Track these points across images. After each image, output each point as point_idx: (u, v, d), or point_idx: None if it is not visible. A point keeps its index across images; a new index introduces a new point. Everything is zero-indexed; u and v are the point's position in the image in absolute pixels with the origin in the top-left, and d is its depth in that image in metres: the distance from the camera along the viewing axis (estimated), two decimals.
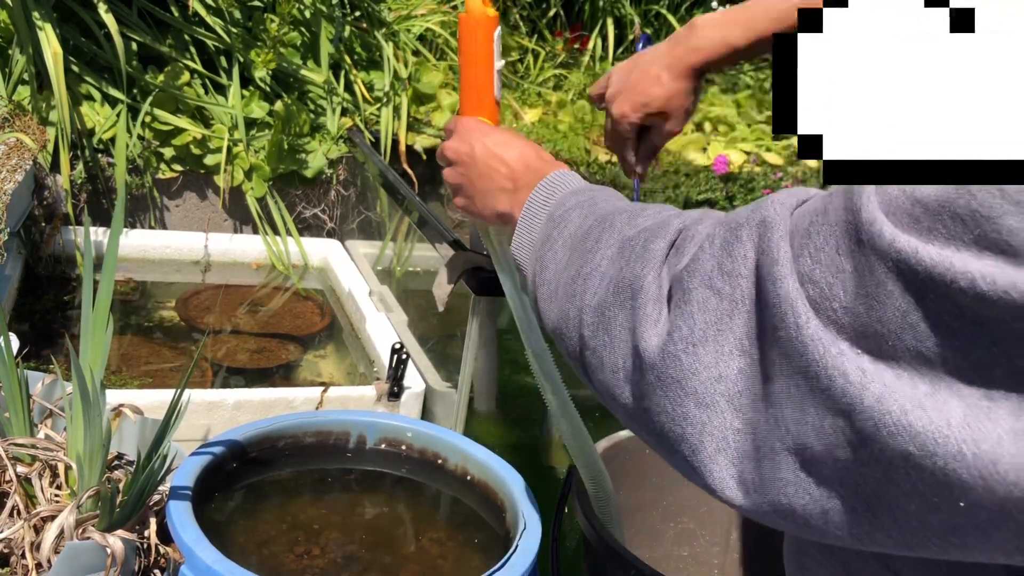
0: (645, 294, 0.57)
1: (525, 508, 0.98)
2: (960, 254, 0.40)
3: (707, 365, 0.52)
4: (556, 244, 0.74)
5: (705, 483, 0.53)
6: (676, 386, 0.53)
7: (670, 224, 0.61)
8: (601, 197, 0.78)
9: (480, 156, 0.92)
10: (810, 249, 0.47)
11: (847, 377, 0.44)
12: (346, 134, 2.17)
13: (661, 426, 0.55)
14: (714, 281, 0.52)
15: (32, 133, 1.70)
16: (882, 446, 0.43)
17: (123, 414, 1.04)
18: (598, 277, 0.64)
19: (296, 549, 0.96)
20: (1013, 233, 0.39)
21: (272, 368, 1.63)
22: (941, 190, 0.42)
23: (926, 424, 0.41)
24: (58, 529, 0.85)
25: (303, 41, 2.24)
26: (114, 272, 0.92)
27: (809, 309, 0.46)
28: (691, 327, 0.52)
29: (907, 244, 0.42)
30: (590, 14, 3.50)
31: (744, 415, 0.50)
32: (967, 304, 0.40)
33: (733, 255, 0.52)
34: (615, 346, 0.60)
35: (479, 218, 0.95)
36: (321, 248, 2.10)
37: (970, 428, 0.40)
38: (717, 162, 2.79)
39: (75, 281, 1.79)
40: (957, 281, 0.40)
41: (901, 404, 0.42)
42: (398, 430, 1.13)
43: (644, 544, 1.26)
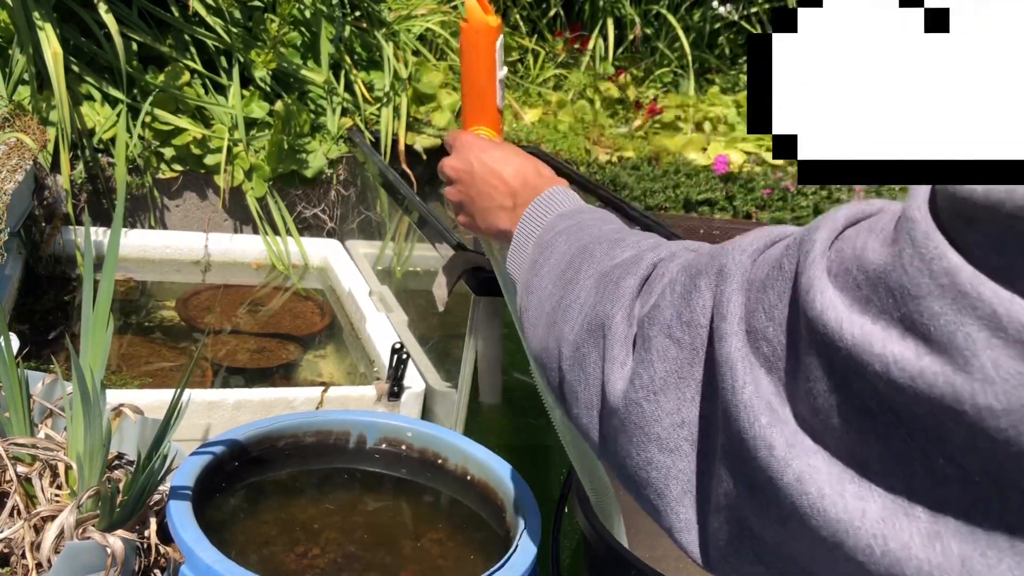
0: (613, 335, 0.57)
1: (525, 508, 0.98)
2: (885, 332, 0.38)
3: (669, 412, 0.51)
4: (542, 271, 0.74)
5: (668, 526, 0.52)
6: (639, 432, 0.53)
7: (643, 259, 0.61)
8: (588, 221, 0.77)
9: (479, 173, 0.91)
10: (764, 305, 0.45)
11: (771, 450, 0.42)
12: (346, 134, 2.17)
13: (628, 469, 0.55)
14: (673, 331, 0.51)
15: (32, 133, 1.70)
16: (801, 525, 0.41)
17: (123, 414, 1.04)
18: (576, 310, 0.64)
19: (296, 549, 0.96)
20: (935, 317, 0.36)
21: (272, 368, 1.63)
22: (883, 256, 0.39)
23: (839, 512, 0.39)
24: (58, 529, 0.85)
25: (303, 41, 2.24)
26: (114, 272, 0.92)
27: (749, 372, 0.45)
28: (651, 375, 0.52)
29: (835, 318, 0.40)
30: (590, 14, 3.50)
31: (706, 458, 0.50)
32: (883, 390, 0.38)
33: (691, 305, 0.51)
34: (589, 384, 0.59)
35: (481, 235, 0.95)
36: (321, 248, 2.10)
37: (884, 523, 0.38)
38: (717, 162, 2.79)
39: (75, 281, 1.79)
40: (873, 364, 0.38)
41: (819, 487, 0.40)
42: (398, 430, 1.13)
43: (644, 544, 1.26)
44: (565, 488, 1.14)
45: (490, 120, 1.02)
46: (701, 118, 3.10)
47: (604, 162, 2.65)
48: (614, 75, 3.24)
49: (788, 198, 2.82)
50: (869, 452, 0.39)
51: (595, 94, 3.08)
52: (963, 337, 0.35)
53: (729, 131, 3.08)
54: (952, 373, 0.35)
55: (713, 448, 0.49)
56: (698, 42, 3.74)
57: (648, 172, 2.71)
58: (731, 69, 3.78)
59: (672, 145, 2.84)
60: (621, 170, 2.66)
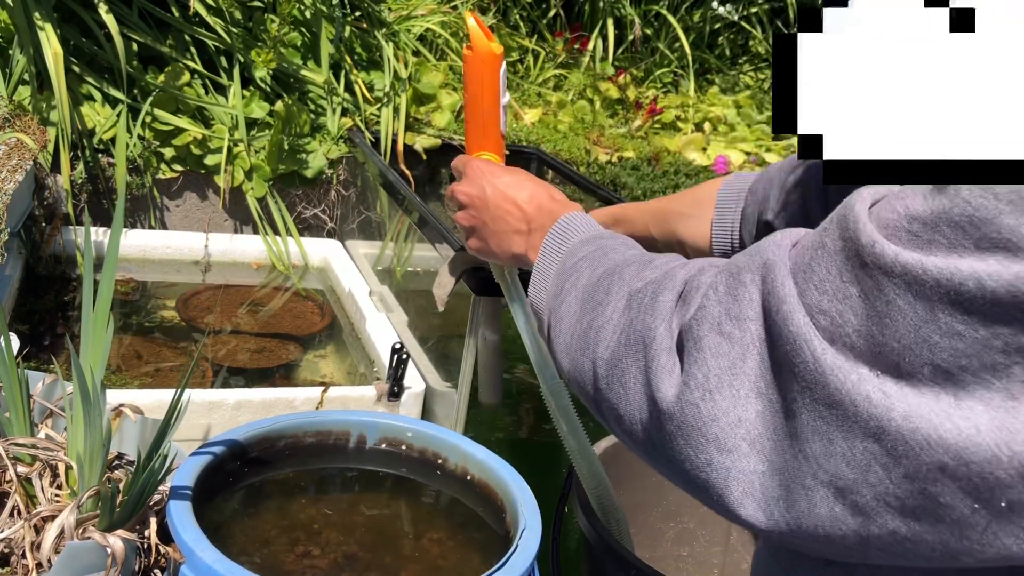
0: (657, 345, 0.58)
1: (525, 508, 0.99)
2: (964, 259, 0.41)
3: (725, 410, 0.52)
4: (569, 296, 0.75)
5: (739, 521, 0.53)
6: (697, 433, 0.54)
7: (675, 275, 0.62)
8: (611, 247, 0.78)
9: (492, 199, 0.92)
10: (814, 281, 0.48)
11: (870, 400, 0.45)
12: (346, 134, 2.17)
13: (687, 472, 0.56)
14: (723, 326, 0.53)
15: (32, 133, 1.70)
16: (916, 463, 0.43)
17: (123, 414, 1.04)
18: (609, 330, 0.65)
19: (296, 549, 0.96)
20: (1012, 230, 0.40)
21: (272, 368, 1.63)
22: (934, 202, 0.43)
23: (956, 434, 0.42)
24: (58, 529, 0.85)
25: (303, 41, 2.24)
26: (114, 272, 0.92)
27: (823, 340, 0.47)
28: (705, 374, 0.53)
29: (912, 258, 0.43)
30: (590, 14, 3.50)
31: (768, 457, 0.51)
32: (977, 307, 0.41)
33: (739, 299, 0.52)
34: (630, 398, 0.60)
35: (494, 260, 0.96)
36: (321, 248, 2.10)
37: (1000, 431, 0.41)
38: (717, 162, 2.79)
39: (75, 281, 1.79)
40: (966, 283, 0.41)
41: (928, 419, 0.43)
42: (398, 430, 1.13)
43: (644, 544, 1.26)
44: (565, 488, 1.14)
45: (493, 145, 1.03)
46: (701, 118, 3.10)
47: (604, 162, 2.65)
48: (614, 75, 3.24)
49: None
50: (963, 375, 0.42)
51: (595, 94, 3.08)
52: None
53: (729, 131, 3.08)
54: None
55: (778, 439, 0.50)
56: (698, 42, 3.74)
57: (648, 172, 2.71)
58: (731, 69, 3.78)
59: (672, 145, 2.84)
60: (621, 170, 2.66)
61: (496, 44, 0.98)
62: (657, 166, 2.75)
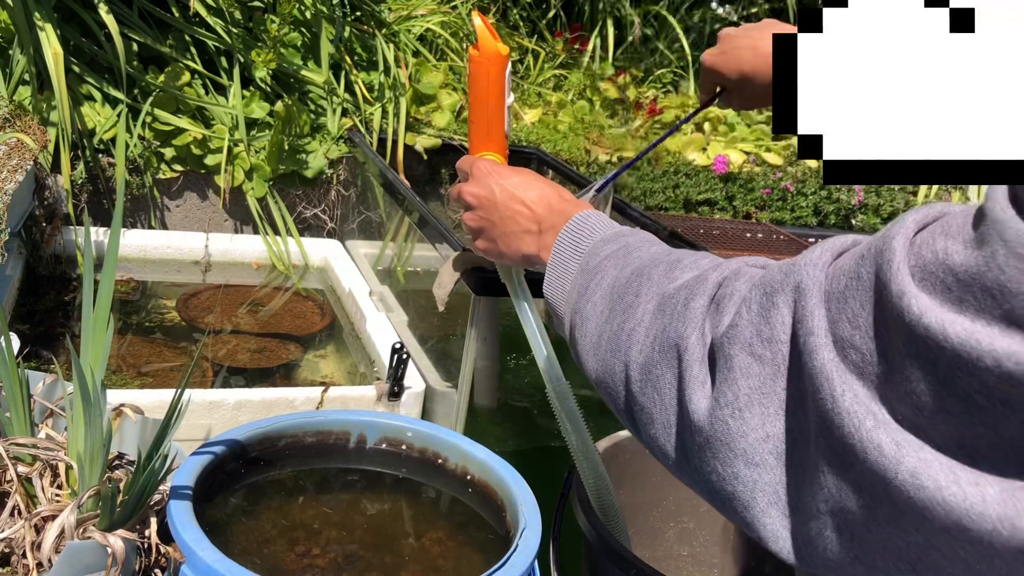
0: (690, 355, 0.58)
1: (525, 508, 0.99)
2: (988, 329, 0.40)
3: (754, 427, 0.52)
4: (594, 296, 0.74)
5: (759, 536, 0.53)
6: (725, 448, 0.54)
7: (708, 279, 0.62)
8: (634, 244, 0.77)
9: (501, 199, 0.91)
10: (847, 315, 0.47)
11: (881, 451, 0.44)
12: (346, 134, 2.17)
13: (712, 484, 0.56)
14: (754, 348, 0.53)
15: (33, 133, 1.70)
16: (919, 519, 0.43)
17: (124, 414, 1.04)
18: (642, 333, 0.65)
19: (296, 549, 0.96)
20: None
21: (272, 368, 1.63)
22: (972, 258, 0.41)
23: (960, 501, 0.41)
24: (59, 529, 0.85)
25: (303, 42, 2.24)
26: (114, 272, 0.92)
27: (845, 381, 0.46)
28: (735, 393, 0.53)
29: (936, 320, 0.41)
30: (590, 15, 3.50)
31: (791, 470, 0.51)
32: (994, 383, 0.40)
33: (771, 322, 0.52)
34: (665, 404, 0.60)
35: (503, 260, 0.95)
36: (321, 248, 2.10)
37: (1006, 505, 0.40)
38: (717, 162, 2.79)
39: (76, 281, 1.79)
40: (983, 359, 0.40)
41: (936, 480, 0.42)
42: (398, 430, 1.13)
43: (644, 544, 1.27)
44: (565, 488, 1.14)
45: (497, 145, 1.03)
46: (701, 118, 3.10)
47: (604, 162, 2.65)
48: (614, 75, 3.24)
49: (788, 198, 2.82)
50: (979, 442, 0.41)
51: (595, 94, 3.08)
52: None
53: (729, 131, 3.08)
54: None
55: (802, 459, 0.50)
56: (698, 42, 3.74)
57: (648, 172, 2.71)
58: None
59: (672, 145, 2.84)
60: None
61: (502, 45, 0.98)
62: (657, 166, 2.75)
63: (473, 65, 1.00)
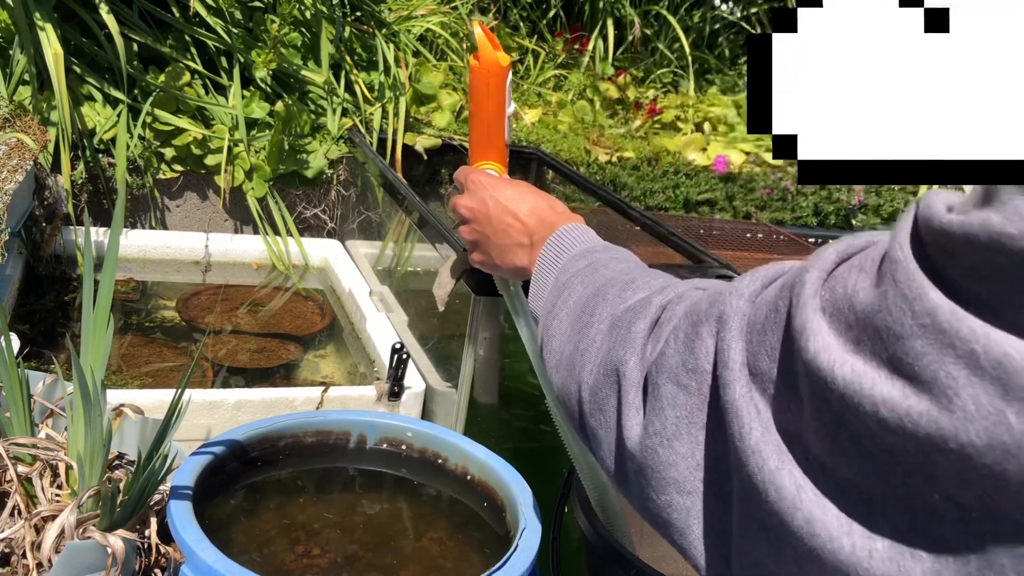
0: (627, 381, 0.58)
1: (525, 508, 0.99)
2: (876, 373, 0.38)
3: (683, 456, 0.52)
4: (560, 314, 0.75)
5: (695, 564, 0.53)
6: (657, 476, 0.54)
7: (651, 303, 0.62)
8: (602, 261, 0.78)
9: (494, 213, 0.92)
10: (766, 348, 0.46)
11: (780, 493, 0.43)
12: (346, 134, 2.17)
13: (650, 510, 0.56)
14: (680, 378, 0.52)
15: (33, 133, 1.70)
16: (816, 565, 0.42)
17: (124, 414, 1.04)
18: (592, 354, 0.65)
19: (296, 548, 0.96)
20: (919, 357, 0.36)
21: (272, 368, 1.63)
22: (870, 297, 0.39)
23: (848, 554, 0.40)
24: (59, 529, 0.85)
25: (304, 42, 2.24)
26: (114, 272, 0.92)
27: (754, 417, 0.45)
28: (663, 422, 0.53)
29: (827, 360, 0.40)
30: (590, 15, 3.50)
31: (722, 496, 0.50)
32: (876, 430, 0.38)
33: (695, 352, 0.51)
34: (609, 427, 0.61)
35: (498, 273, 0.96)
36: (321, 248, 2.10)
37: (890, 563, 0.39)
38: (717, 162, 2.79)
39: (76, 281, 1.79)
40: (863, 404, 0.38)
41: (828, 529, 0.41)
42: (398, 430, 1.13)
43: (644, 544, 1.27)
44: (565, 488, 1.14)
45: (497, 155, 1.03)
46: (701, 118, 3.10)
47: (604, 162, 2.65)
48: (614, 75, 3.24)
49: (788, 198, 2.82)
50: (873, 490, 0.40)
51: (595, 94, 3.08)
52: (944, 376, 0.36)
53: (729, 131, 3.08)
54: (937, 412, 0.36)
55: (728, 490, 0.49)
56: (698, 42, 3.74)
57: (648, 172, 2.71)
58: (731, 69, 3.78)
59: (672, 145, 2.84)
60: (621, 170, 2.66)
61: (503, 55, 0.98)
62: (657, 166, 2.75)
63: (473, 75, 1.00)
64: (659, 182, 2.70)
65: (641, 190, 2.67)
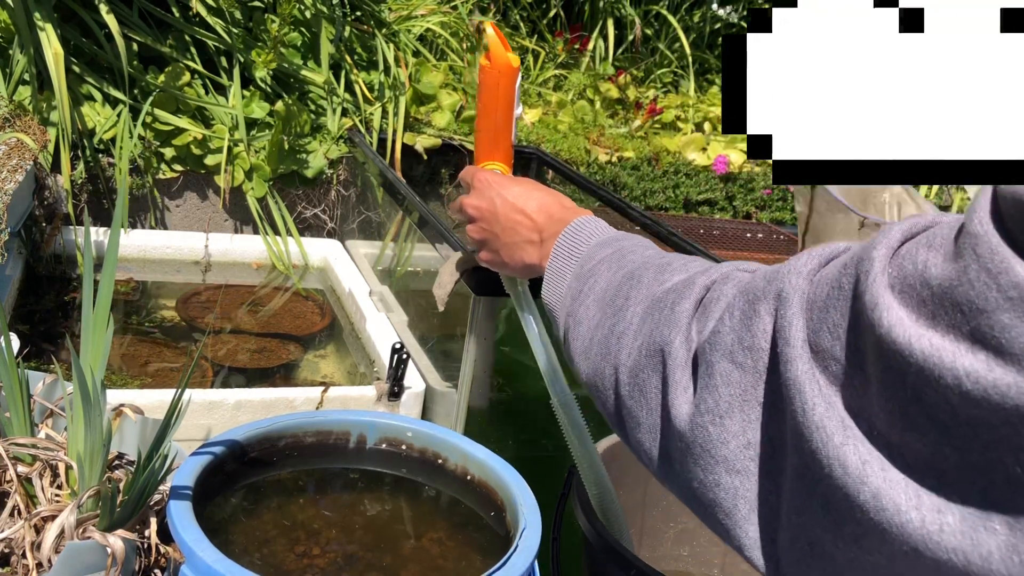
0: (674, 360, 0.58)
1: (525, 508, 0.99)
2: (955, 346, 0.38)
3: (735, 434, 0.52)
4: (587, 300, 0.75)
5: (737, 544, 0.53)
6: (706, 454, 0.53)
7: (695, 282, 0.61)
8: (628, 247, 0.78)
9: (502, 210, 0.92)
10: (828, 325, 0.46)
11: (846, 468, 0.43)
12: (346, 134, 2.17)
13: (694, 490, 0.56)
14: (735, 355, 0.52)
15: (33, 133, 1.70)
16: (880, 540, 0.42)
17: (124, 414, 1.04)
18: (631, 336, 0.65)
19: (296, 549, 0.96)
20: (1005, 329, 0.37)
21: (272, 368, 1.63)
22: (947, 271, 0.39)
23: (918, 527, 0.40)
24: (59, 529, 0.85)
25: (304, 41, 2.24)
26: (114, 272, 0.92)
27: (817, 393, 0.45)
28: (716, 400, 0.53)
29: (903, 334, 0.40)
30: (590, 14, 3.50)
31: (772, 477, 0.50)
32: (957, 403, 0.38)
33: (752, 330, 0.51)
34: (650, 408, 0.60)
35: (507, 271, 0.96)
36: (321, 248, 2.10)
37: (962, 536, 0.39)
38: (717, 162, 2.79)
39: (76, 281, 1.79)
40: (944, 377, 0.38)
41: (896, 503, 0.41)
42: (398, 430, 1.13)
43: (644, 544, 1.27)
44: (565, 488, 1.14)
45: (503, 156, 1.03)
46: (701, 118, 3.10)
47: (604, 162, 2.65)
48: (614, 75, 3.24)
49: (788, 198, 2.82)
50: (946, 464, 0.40)
51: (595, 94, 3.08)
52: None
53: None
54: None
55: (780, 468, 0.49)
56: (698, 43, 3.74)
57: (648, 172, 2.71)
58: None
59: (672, 145, 2.84)
60: (621, 170, 2.66)
61: (513, 56, 0.98)
62: (657, 166, 2.75)
63: (483, 75, 0.99)
64: (659, 182, 2.70)
65: (641, 190, 2.67)
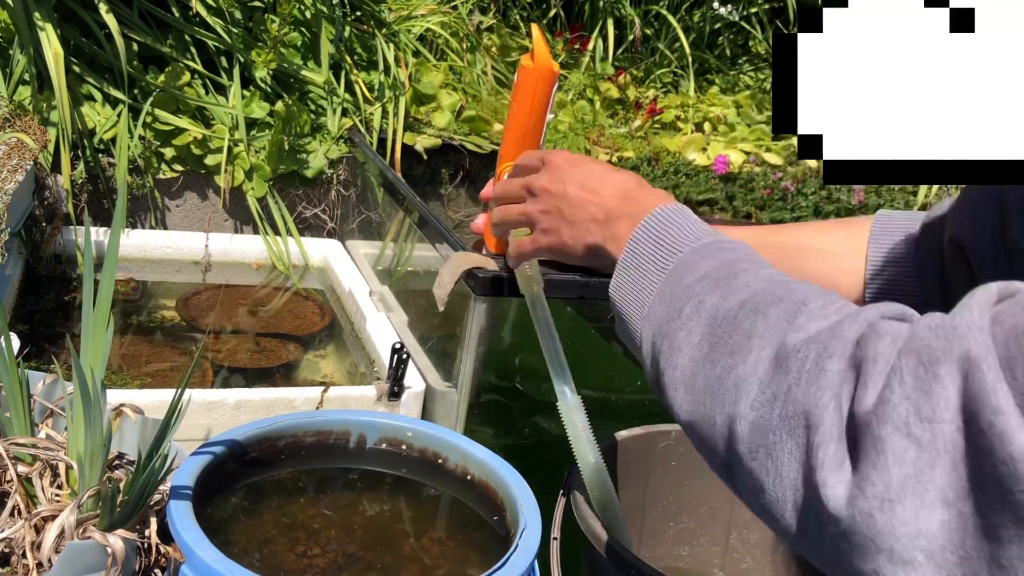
0: (825, 431, 0.50)
1: (525, 508, 0.99)
2: None
3: (905, 522, 0.46)
4: (690, 324, 0.66)
5: None
6: (868, 542, 0.48)
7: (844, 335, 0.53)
8: (738, 263, 0.68)
9: (572, 189, 0.85)
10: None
11: None
12: (346, 134, 2.17)
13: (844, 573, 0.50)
14: (912, 429, 0.46)
15: (33, 133, 1.70)
16: None
17: (124, 414, 1.04)
18: (755, 387, 0.57)
19: (296, 548, 0.96)
20: None
21: (272, 368, 1.63)
22: None
23: None
24: (59, 529, 0.85)
25: (304, 41, 2.24)
26: (114, 272, 0.92)
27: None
28: (886, 482, 0.47)
29: None
30: (590, 15, 3.50)
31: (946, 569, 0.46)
32: None
33: (932, 398, 0.46)
34: (782, 475, 0.54)
35: (565, 254, 0.88)
36: (321, 248, 2.10)
37: None
38: (717, 162, 2.79)
39: (76, 281, 1.79)
40: None
41: None
42: (398, 430, 1.13)
43: (644, 544, 1.27)
44: (565, 488, 1.14)
45: None
46: (701, 118, 3.10)
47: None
48: (614, 75, 3.24)
49: (788, 198, 2.82)
50: None
51: (595, 94, 3.08)
52: None
53: (729, 131, 3.08)
54: None
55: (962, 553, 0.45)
56: (698, 42, 3.74)
57: (648, 172, 2.71)
58: (731, 69, 3.78)
59: (672, 145, 2.84)
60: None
61: (556, 63, 0.97)
62: (657, 166, 2.75)
63: (523, 76, 0.97)
64: (659, 182, 2.70)
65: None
